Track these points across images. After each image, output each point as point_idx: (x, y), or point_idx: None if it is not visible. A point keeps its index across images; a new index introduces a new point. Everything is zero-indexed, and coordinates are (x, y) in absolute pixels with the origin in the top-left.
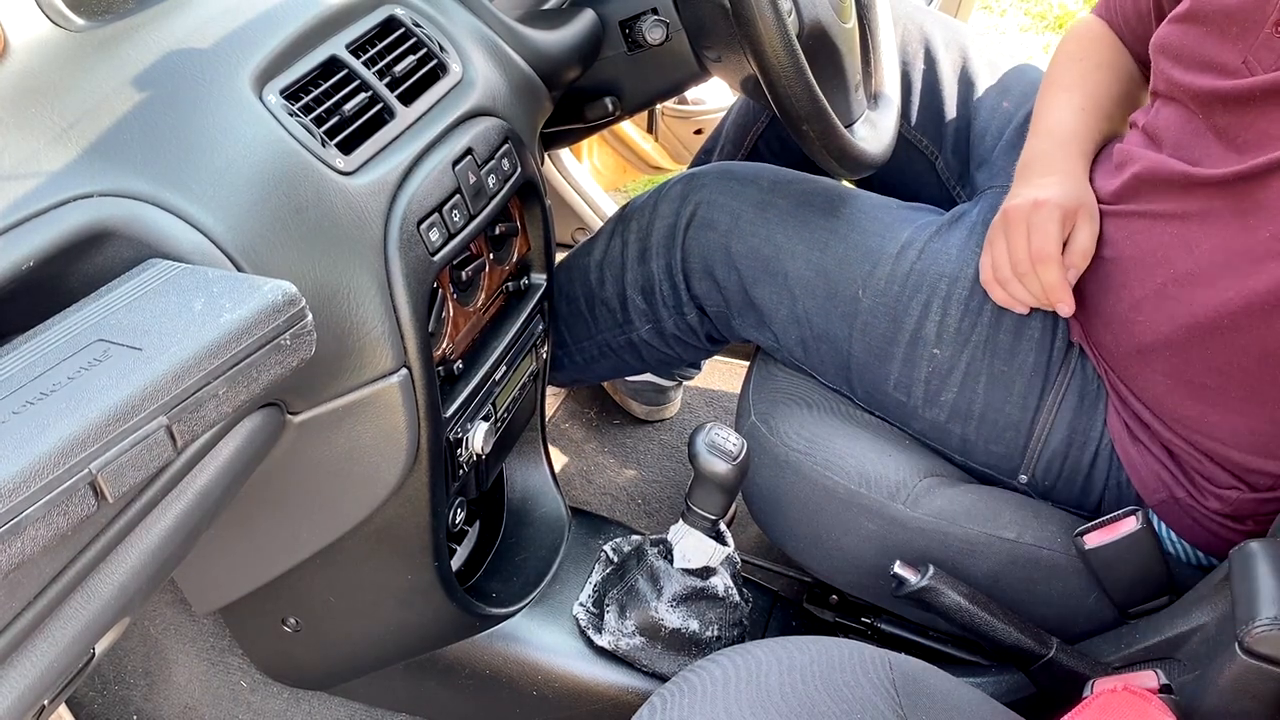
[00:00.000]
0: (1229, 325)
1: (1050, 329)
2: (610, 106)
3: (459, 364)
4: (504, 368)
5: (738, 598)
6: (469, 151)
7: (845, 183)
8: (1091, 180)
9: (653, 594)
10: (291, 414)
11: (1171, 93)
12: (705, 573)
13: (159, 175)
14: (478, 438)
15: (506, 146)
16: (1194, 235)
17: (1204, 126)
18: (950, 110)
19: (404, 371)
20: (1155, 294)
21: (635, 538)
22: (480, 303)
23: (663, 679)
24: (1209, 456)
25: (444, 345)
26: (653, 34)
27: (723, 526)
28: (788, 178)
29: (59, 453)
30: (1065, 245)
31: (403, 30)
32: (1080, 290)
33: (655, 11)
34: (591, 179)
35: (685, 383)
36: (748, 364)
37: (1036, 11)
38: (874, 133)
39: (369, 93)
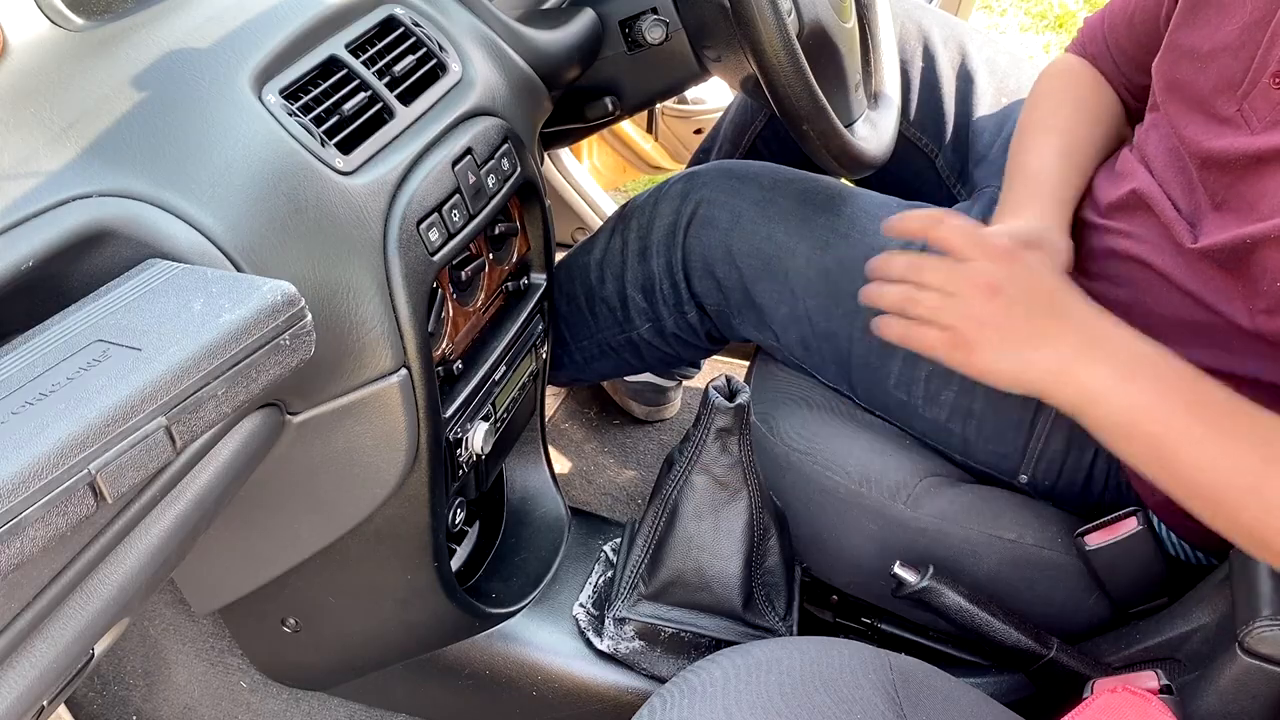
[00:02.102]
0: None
1: None
2: (610, 106)
3: (459, 364)
4: (504, 368)
5: None
6: (468, 151)
7: (845, 181)
8: (1092, 187)
9: None
10: (291, 414)
11: (1163, 119)
12: None
13: (158, 175)
14: (477, 438)
15: (506, 146)
16: (1172, 273)
17: (1187, 164)
18: (949, 107)
19: (403, 371)
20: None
21: None
22: (480, 303)
23: (662, 680)
24: None
25: (444, 345)
26: (653, 33)
27: None
28: (788, 176)
29: (58, 453)
30: None
31: (402, 30)
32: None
33: (655, 11)
34: (591, 179)
35: (685, 383)
36: (748, 364)
37: (1036, 11)
38: (874, 132)
39: (368, 92)
